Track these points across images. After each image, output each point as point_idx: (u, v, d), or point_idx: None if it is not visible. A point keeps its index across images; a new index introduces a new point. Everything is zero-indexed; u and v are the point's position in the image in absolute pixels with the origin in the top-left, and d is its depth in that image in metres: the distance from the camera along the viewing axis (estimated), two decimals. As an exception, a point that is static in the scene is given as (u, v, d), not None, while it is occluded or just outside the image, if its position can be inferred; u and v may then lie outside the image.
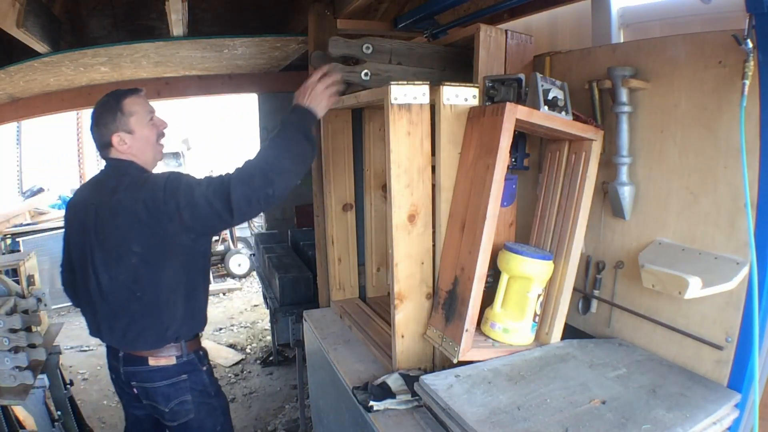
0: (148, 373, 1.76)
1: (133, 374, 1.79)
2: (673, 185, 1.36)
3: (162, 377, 1.77)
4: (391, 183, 1.50)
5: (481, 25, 1.58)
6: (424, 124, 1.50)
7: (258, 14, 3.35)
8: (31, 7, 2.10)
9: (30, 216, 6.53)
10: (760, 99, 1.13)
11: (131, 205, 1.63)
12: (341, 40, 1.66)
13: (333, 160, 2.16)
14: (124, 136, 1.73)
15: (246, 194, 1.54)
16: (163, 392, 1.78)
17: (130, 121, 1.73)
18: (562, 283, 1.50)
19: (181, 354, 1.77)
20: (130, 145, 1.75)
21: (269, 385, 4.06)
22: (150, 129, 1.79)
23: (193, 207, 1.58)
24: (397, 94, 1.46)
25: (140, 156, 1.78)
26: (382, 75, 1.69)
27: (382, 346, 1.77)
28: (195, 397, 1.81)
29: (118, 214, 1.66)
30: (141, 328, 1.72)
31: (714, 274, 1.21)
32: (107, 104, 1.74)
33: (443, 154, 1.51)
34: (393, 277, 1.54)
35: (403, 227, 1.53)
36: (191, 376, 1.80)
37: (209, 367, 1.90)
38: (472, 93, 1.52)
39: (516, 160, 1.66)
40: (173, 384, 1.78)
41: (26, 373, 2.16)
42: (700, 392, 1.21)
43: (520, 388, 1.28)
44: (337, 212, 2.20)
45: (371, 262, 2.25)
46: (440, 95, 1.48)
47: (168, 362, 1.76)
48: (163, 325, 1.72)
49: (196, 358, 1.82)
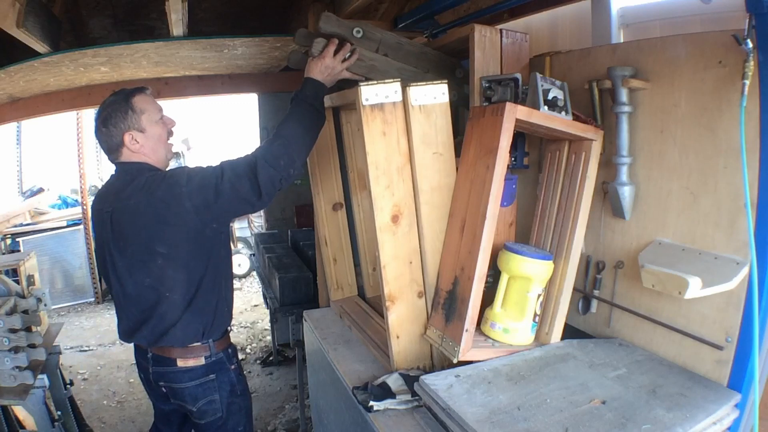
0: (176, 374, 1.75)
1: (162, 375, 1.78)
2: (673, 185, 1.35)
3: (190, 378, 1.75)
4: (370, 186, 1.48)
5: (475, 25, 1.58)
6: (399, 122, 1.48)
7: (258, 14, 3.35)
8: (31, 7, 2.10)
9: (30, 216, 6.52)
10: (760, 99, 1.13)
11: (150, 205, 1.61)
12: (333, 18, 1.63)
13: (318, 162, 2.14)
14: (136, 135, 1.69)
15: (272, 176, 1.55)
16: (191, 392, 1.77)
17: (141, 119, 1.70)
18: (562, 283, 1.50)
19: (210, 354, 1.76)
20: (143, 144, 1.71)
21: (269, 385, 4.06)
22: (161, 127, 1.76)
23: (222, 196, 1.57)
24: (368, 94, 1.44)
25: (152, 155, 1.75)
26: (366, 62, 1.67)
27: (381, 345, 1.76)
28: (223, 396, 1.80)
29: (138, 217, 1.63)
30: (169, 328, 1.70)
31: (714, 274, 1.21)
32: (115, 103, 1.70)
33: (418, 157, 1.49)
34: (382, 279, 1.53)
35: (388, 229, 1.51)
36: (219, 375, 1.79)
37: (238, 365, 1.88)
38: (441, 90, 1.49)
39: (516, 159, 1.66)
40: (201, 384, 1.77)
41: (26, 373, 2.16)
42: (700, 392, 1.21)
43: (520, 388, 1.28)
44: (328, 212, 2.18)
45: (366, 261, 2.23)
46: (407, 97, 1.46)
47: (197, 363, 1.75)
48: (192, 321, 1.71)
49: (225, 356, 1.81)
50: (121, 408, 3.82)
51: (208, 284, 1.72)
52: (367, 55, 1.68)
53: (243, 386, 1.90)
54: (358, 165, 2.15)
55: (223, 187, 1.56)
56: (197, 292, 1.71)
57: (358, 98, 1.44)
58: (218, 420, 1.82)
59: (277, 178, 1.56)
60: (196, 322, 1.73)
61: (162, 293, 1.67)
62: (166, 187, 1.62)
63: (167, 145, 1.81)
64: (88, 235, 6.22)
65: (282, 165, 1.56)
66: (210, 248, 1.71)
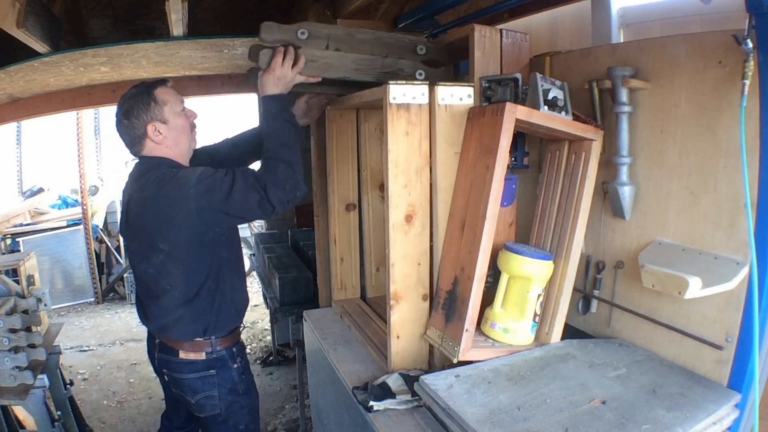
0: (178, 364, 1.78)
1: (165, 362, 1.82)
2: (673, 185, 1.35)
3: (190, 370, 1.78)
4: (388, 183, 1.50)
5: (475, 25, 1.58)
6: (423, 124, 1.50)
7: (258, 14, 3.36)
8: (31, 7, 2.10)
9: (30, 216, 6.52)
10: (760, 99, 1.13)
11: (157, 201, 1.62)
12: (274, 26, 1.62)
13: (337, 160, 2.15)
14: (159, 126, 1.69)
15: (281, 198, 1.57)
16: (190, 384, 1.79)
17: (164, 110, 1.69)
18: (562, 283, 1.50)
19: (212, 350, 1.78)
20: (165, 135, 1.70)
21: (269, 385, 4.05)
22: (184, 119, 1.76)
23: (230, 203, 1.58)
24: (395, 93, 1.45)
25: (175, 147, 1.74)
26: (319, 61, 1.65)
27: (380, 346, 1.76)
28: (222, 394, 1.81)
29: (145, 211, 1.66)
30: (172, 320, 1.74)
31: (714, 274, 1.21)
32: (138, 95, 1.69)
33: (439, 155, 1.51)
34: (389, 277, 1.54)
35: (400, 227, 1.53)
36: (220, 372, 1.80)
37: (242, 365, 1.88)
38: (467, 92, 1.52)
39: (516, 159, 1.66)
40: (201, 378, 1.78)
41: (26, 373, 2.16)
42: (700, 392, 1.21)
43: (520, 388, 1.28)
44: (340, 212, 2.19)
45: (370, 262, 2.24)
46: (435, 95, 1.48)
47: (197, 357, 1.77)
48: (192, 319, 1.73)
49: (228, 354, 1.81)
50: (121, 408, 3.81)
51: (210, 286, 1.73)
52: (319, 54, 1.66)
53: (247, 385, 1.89)
54: (371, 164, 2.17)
55: (233, 195, 1.57)
56: (198, 293, 1.72)
57: (386, 96, 1.45)
58: (217, 416, 1.83)
59: (286, 200, 1.59)
60: (197, 321, 1.74)
61: (163, 286, 1.70)
62: (174, 185, 1.61)
63: (191, 136, 1.81)
64: (88, 235, 6.22)
65: (289, 188, 1.58)
66: (212, 251, 1.72)
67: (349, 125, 2.15)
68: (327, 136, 2.14)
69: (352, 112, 2.14)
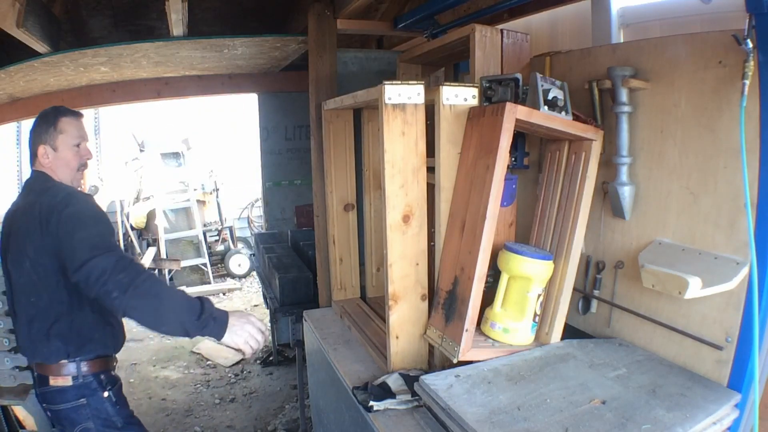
0: (51, 393, 1.70)
1: (43, 396, 1.73)
2: (673, 185, 1.35)
3: (62, 399, 1.69)
4: (385, 183, 1.50)
5: (476, 25, 1.58)
6: (419, 124, 1.50)
7: (258, 14, 3.36)
8: (31, 7, 2.10)
9: (30, 216, 6.52)
10: (760, 99, 1.13)
11: (32, 207, 1.63)
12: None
13: (334, 160, 2.16)
14: (48, 151, 1.75)
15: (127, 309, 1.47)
16: (66, 416, 1.70)
17: (57, 138, 1.75)
18: (562, 283, 1.50)
19: (77, 375, 1.68)
20: (51, 160, 1.76)
21: (269, 385, 4.06)
22: (73, 154, 1.78)
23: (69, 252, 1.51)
24: (391, 93, 1.45)
25: (58, 174, 1.77)
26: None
27: (380, 346, 1.76)
28: (98, 426, 1.70)
29: (24, 216, 1.66)
30: (35, 336, 1.67)
31: (714, 274, 1.21)
32: (47, 116, 1.77)
33: (443, 154, 1.51)
34: (387, 277, 1.54)
35: (398, 228, 1.52)
36: (90, 401, 1.70)
37: (117, 396, 1.76)
38: (472, 93, 1.52)
39: (516, 159, 1.66)
40: (74, 408, 1.69)
41: (26, 373, 2.15)
42: (700, 392, 1.21)
43: (520, 388, 1.28)
44: (339, 212, 2.20)
45: (371, 262, 2.25)
46: (440, 95, 1.48)
47: (65, 383, 1.68)
48: (53, 335, 1.66)
49: (96, 381, 1.71)
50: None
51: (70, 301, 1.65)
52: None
53: (126, 420, 1.77)
54: (374, 164, 2.17)
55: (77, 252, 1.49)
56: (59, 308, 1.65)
57: (381, 96, 1.45)
58: None
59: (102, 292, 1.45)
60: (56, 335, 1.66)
61: (29, 297, 1.66)
62: (47, 195, 1.64)
63: (75, 174, 1.81)
64: (88, 235, 6.20)
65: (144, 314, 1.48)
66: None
67: (346, 125, 2.15)
68: (324, 137, 2.14)
69: (349, 113, 2.14)
